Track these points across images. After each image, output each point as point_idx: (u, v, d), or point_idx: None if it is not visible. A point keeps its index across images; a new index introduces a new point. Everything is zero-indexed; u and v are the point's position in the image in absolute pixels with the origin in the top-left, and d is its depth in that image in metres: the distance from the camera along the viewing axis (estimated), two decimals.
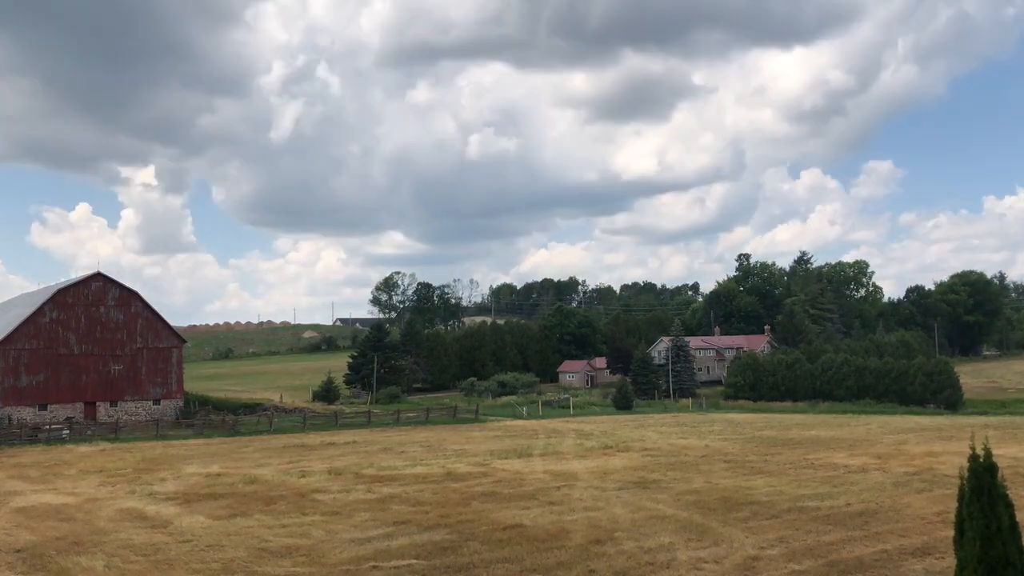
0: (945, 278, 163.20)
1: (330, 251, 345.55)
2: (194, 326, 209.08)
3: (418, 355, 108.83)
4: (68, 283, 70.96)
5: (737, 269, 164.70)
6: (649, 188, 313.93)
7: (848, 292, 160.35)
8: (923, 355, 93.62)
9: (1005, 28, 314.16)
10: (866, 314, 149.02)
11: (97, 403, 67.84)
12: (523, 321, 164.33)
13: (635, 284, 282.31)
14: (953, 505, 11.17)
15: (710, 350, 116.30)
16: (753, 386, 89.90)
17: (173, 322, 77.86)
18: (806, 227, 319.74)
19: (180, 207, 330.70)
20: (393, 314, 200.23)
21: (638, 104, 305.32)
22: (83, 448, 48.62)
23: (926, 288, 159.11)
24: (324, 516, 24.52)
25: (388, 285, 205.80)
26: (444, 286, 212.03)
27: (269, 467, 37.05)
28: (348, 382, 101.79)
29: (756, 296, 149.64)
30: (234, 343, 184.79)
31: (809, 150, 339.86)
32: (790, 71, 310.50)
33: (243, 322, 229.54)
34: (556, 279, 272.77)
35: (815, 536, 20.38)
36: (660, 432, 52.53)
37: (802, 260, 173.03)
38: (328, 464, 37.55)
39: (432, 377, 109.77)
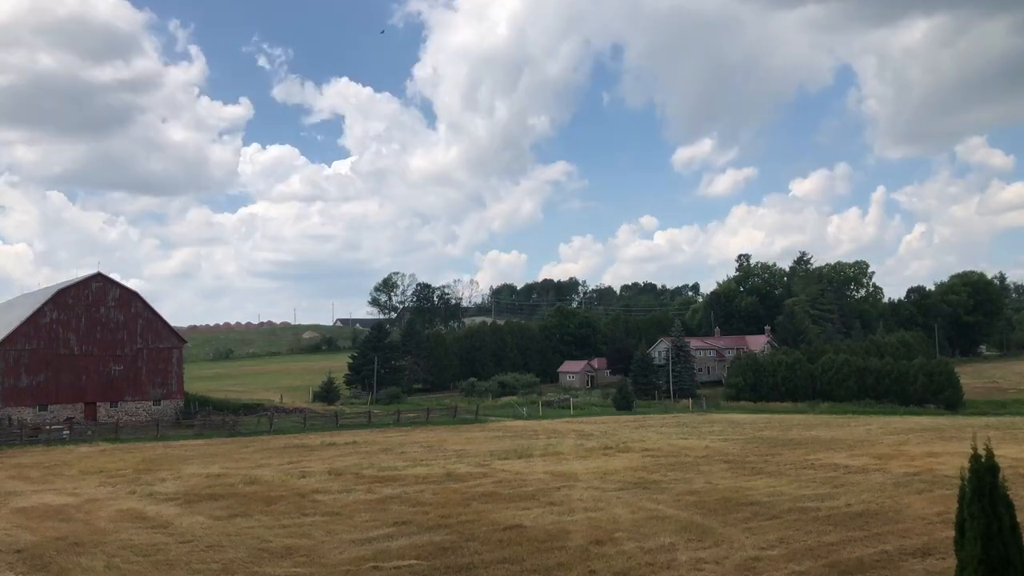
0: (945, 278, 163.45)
1: None
2: (194, 327, 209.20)
3: (418, 355, 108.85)
4: (68, 283, 70.99)
5: (737, 270, 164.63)
6: None
7: (848, 292, 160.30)
8: (923, 355, 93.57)
9: None
10: (866, 314, 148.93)
11: (97, 403, 67.87)
12: (523, 322, 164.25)
13: (635, 284, 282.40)
14: (953, 505, 11.17)
15: (710, 350, 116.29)
16: (753, 386, 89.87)
17: (173, 322, 77.93)
18: None
19: None
20: (393, 314, 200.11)
21: None
22: (83, 448, 48.64)
23: (926, 288, 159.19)
24: (324, 516, 24.51)
25: (387, 285, 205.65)
26: (444, 286, 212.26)
27: (269, 467, 37.05)
28: (348, 382, 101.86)
29: (756, 297, 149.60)
30: (234, 343, 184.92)
31: None
32: None
33: (243, 322, 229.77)
34: (556, 279, 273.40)
35: (815, 537, 20.36)
36: (660, 433, 52.52)
37: (802, 260, 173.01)
38: (328, 464, 37.54)
39: (432, 377, 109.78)
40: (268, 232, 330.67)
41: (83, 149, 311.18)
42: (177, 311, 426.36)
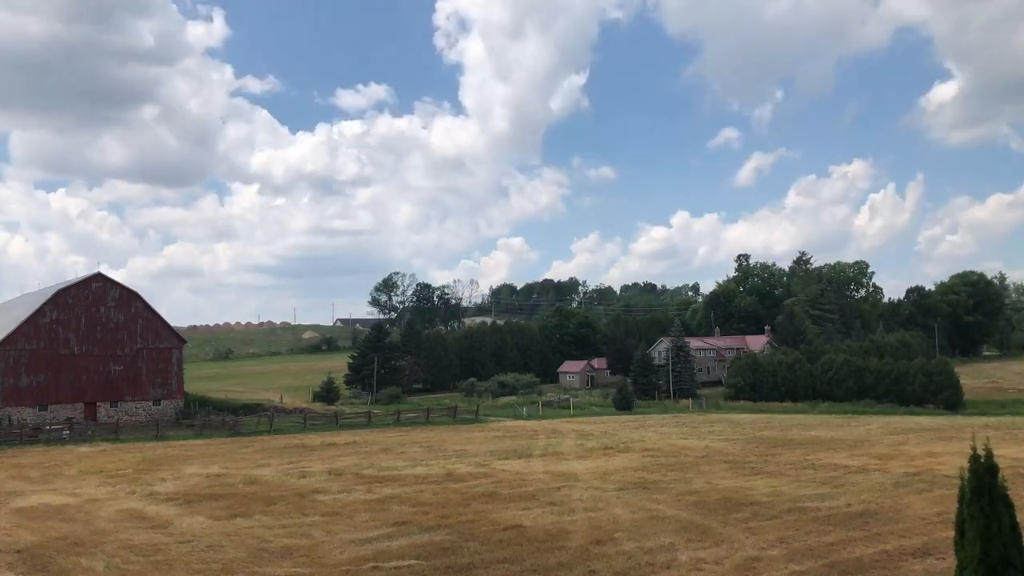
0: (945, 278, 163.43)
1: None
2: (194, 327, 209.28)
3: (418, 356, 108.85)
4: (68, 283, 71.01)
5: (737, 270, 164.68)
6: None
7: (848, 292, 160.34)
8: (923, 356, 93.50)
9: None
10: (866, 314, 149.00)
11: (97, 403, 67.88)
12: (523, 321, 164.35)
13: (635, 284, 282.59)
14: (953, 506, 11.17)
15: (710, 351, 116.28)
16: (753, 386, 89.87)
17: (173, 322, 77.93)
18: None
19: None
20: (393, 314, 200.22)
21: None
22: (83, 448, 48.66)
23: (926, 288, 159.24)
24: (324, 516, 24.51)
25: (387, 285, 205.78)
26: (444, 286, 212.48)
27: (269, 467, 37.06)
28: (348, 382, 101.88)
29: (756, 296, 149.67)
30: (234, 344, 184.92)
31: None
32: None
33: (243, 322, 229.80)
34: (557, 279, 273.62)
35: (815, 537, 20.36)
36: (660, 433, 52.53)
37: (802, 260, 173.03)
38: (328, 464, 37.55)
39: (432, 377, 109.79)
40: (272, 226, 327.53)
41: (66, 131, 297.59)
42: (177, 310, 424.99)
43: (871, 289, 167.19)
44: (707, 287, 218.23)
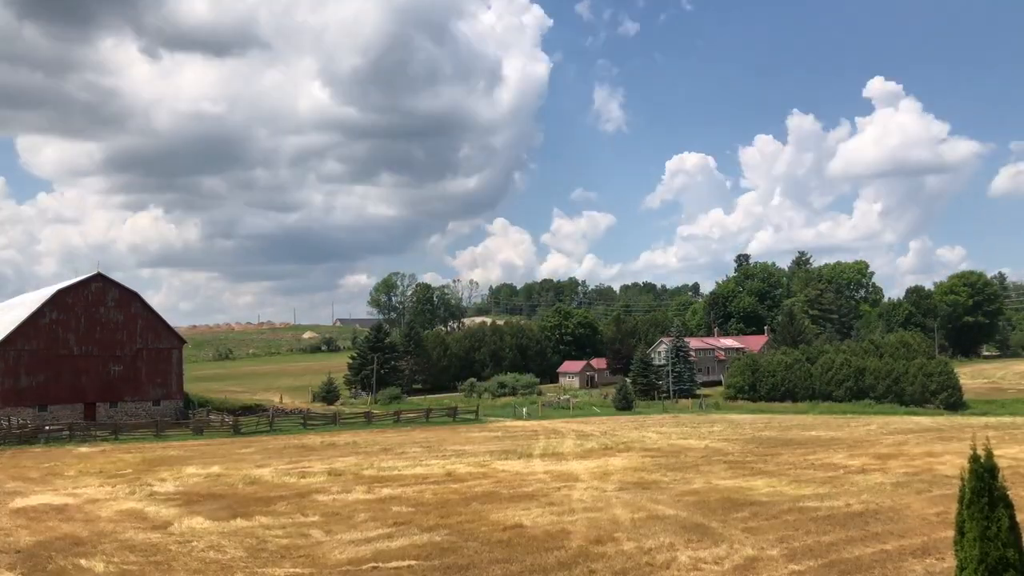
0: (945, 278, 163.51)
1: None
2: (195, 327, 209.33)
3: (418, 356, 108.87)
4: (68, 284, 70.98)
5: (736, 270, 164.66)
6: None
7: (848, 292, 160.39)
8: (923, 356, 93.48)
9: None
10: (866, 314, 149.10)
11: (97, 404, 67.86)
12: (523, 322, 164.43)
13: (635, 284, 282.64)
14: (953, 506, 11.18)
15: (710, 351, 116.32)
16: (753, 387, 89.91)
17: (173, 323, 77.96)
18: None
19: None
20: (393, 315, 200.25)
21: None
22: (83, 449, 48.67)
23: (926, 288, 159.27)
24: (324, 517, 24.51)
25: (387, 286, 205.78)
26: (444, 286, 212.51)
27: (269, 468, 37.05)
28: (348, 383, 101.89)
29: (756, 297, 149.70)
30: (234, 344, 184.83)
31: None
32: None
33: (243, 323, 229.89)
34: (556, 279, 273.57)
35: (815, 536, 20.36)
36: (660, 432, 52.55)
37: (802, 260, 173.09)
38: (328, 465, 37.56)
39: (432, 378, 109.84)
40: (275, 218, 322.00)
41: None
42: (177, 310, 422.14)
43: (871, 289, 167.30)
44: (707, 287, 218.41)
